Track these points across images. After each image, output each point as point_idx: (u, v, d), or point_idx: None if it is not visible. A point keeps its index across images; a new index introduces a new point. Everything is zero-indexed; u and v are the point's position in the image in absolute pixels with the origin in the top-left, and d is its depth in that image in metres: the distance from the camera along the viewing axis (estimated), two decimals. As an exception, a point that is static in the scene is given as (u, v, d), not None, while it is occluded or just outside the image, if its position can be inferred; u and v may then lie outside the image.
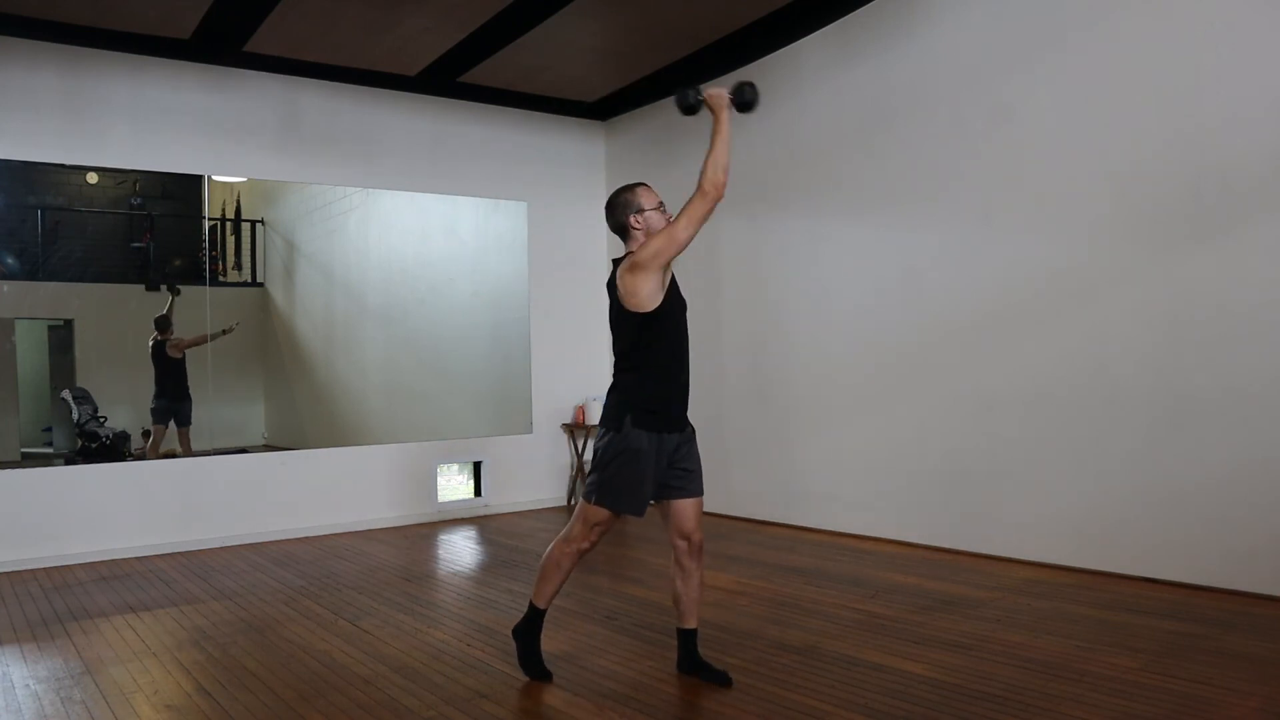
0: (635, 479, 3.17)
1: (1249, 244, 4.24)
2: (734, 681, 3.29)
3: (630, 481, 3.17)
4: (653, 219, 3.24)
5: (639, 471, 3.17)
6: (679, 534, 3.30)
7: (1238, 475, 4.27)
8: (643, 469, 3.17)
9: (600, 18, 6.04)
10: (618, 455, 3.17)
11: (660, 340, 3.21)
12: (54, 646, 4.01)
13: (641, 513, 3.24)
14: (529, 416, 7.71)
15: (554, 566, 3.34)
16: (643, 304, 3.14)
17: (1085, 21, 4.83)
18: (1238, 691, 3.10)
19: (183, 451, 6.41)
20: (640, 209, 3.24)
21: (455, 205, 7.52)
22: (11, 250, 6.05)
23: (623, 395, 3.23)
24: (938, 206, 5.52)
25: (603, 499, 3.20)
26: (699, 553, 3.32)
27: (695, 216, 3.06)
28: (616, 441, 3.18)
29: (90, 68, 5.96)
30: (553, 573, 3.35)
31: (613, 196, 3.35)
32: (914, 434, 5.66)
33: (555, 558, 3.34)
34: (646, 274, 3.11)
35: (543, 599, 3.38)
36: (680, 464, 3.28)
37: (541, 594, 3.37)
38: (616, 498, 3.20)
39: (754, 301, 6.73)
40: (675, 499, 3.28)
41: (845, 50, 6.05)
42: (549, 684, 3.36)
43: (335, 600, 4.69)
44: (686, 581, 3.32)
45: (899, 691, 3.18)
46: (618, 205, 3.30)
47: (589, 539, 3.28)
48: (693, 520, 3.29)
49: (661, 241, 3.09)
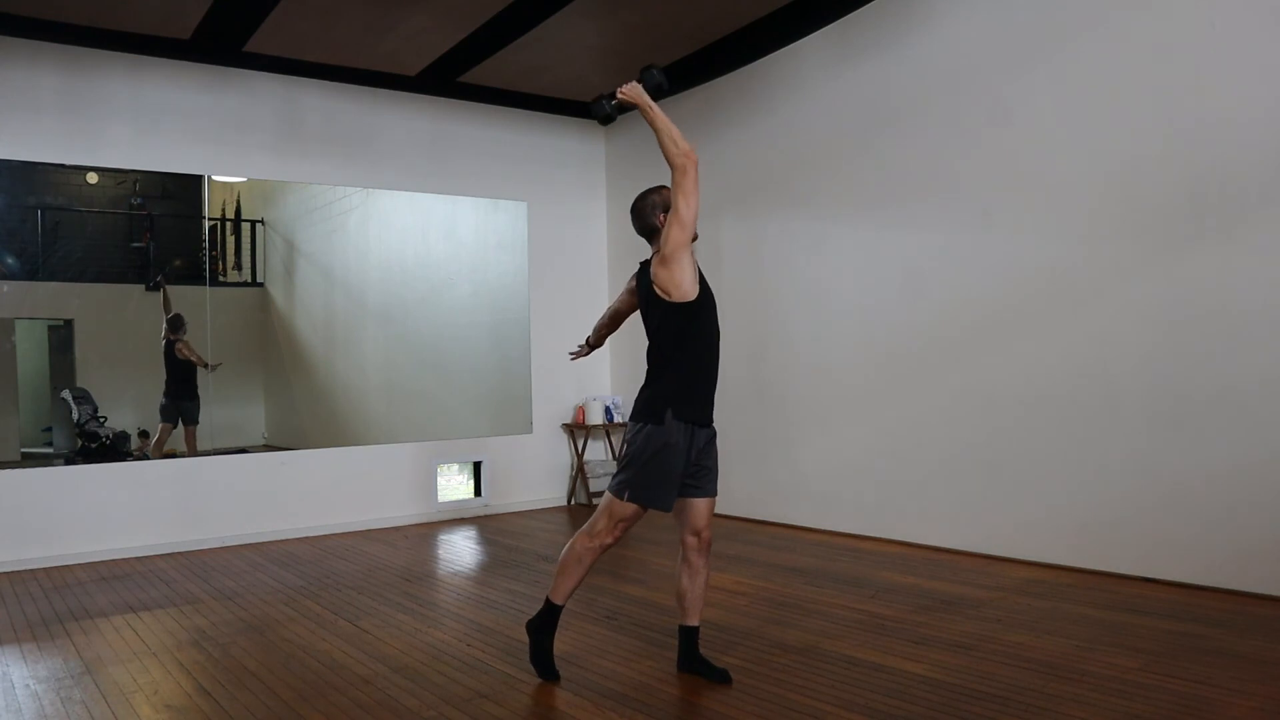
0: (669, 473, 3.20)
1: (1249, 244, 4.24)
2: (734, 680, 3.30)
3: (664, 476, 3.20)
4: None
5: (673, 465, 3.20)
6: (691, 530, 3.33)
7: (1238, 475, 4.27)
8: (676, 463, 3.20)
9: (600, 18, 6.04)
10: (655, 448, 3.19)
11: (700, 332, 3.26)
12: (54, 646, 4.01)
13: (670, 508, 3.27)
14: (529, 416, 7.70)
15: (575, 562, 3.33)
16: (686, 293, 3.20)
17: (1085, 22, 4.83)
18: (1238, 691, 3.10)
19: (188, 451, 6.41)
20: (668, 207, 3.26)
21: (455, 205, 7.52)
22: (11, 250, 6.05)
23: (663, 388, 3.25)
24: (938, 206, 5.52)
25: (636, 494, 3.21)
26: (707, 549, 3.37)
27: (686, 189, 3.14)
28: (656, 434, 3.19)
29: (90, 68, 5.96)
30: (573, 568, 3.33)
31: (637, 201, 3.38)
32: (914, 434, 5.66)
33: (577, 553, 3.32)
34: (678, 263, 3.18)
35: (561, 595, 3.36)
36: (703, 461, 3.30)
37: (560, 590, 3.36)
38: (650, 492, 3.21)
39: (754, 301, 6.73)
40: (692, 497, 3.31)
41: (845, 50, 6.05)
42: (549, 684, 3.35)
43: (335, 600, 4.69)
44: (693, 579, 3.35)
45: (899, 691, 3.18)
46: (645, 208, 3.35)
47: (613, 535, 3.28)
48: (705, 518, 3.34)
49: (673, 229, 3.16)
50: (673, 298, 3.21)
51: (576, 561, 3.32)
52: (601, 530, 3.28)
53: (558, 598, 3.36)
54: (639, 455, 3.22)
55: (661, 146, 3.17)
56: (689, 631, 3.40)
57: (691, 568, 3.35)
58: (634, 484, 3.22)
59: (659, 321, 3.29)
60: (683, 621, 3.41)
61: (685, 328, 3.24)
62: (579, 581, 3.37)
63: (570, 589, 3.36)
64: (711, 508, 3.36)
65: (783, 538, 6.04)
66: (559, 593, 3.36)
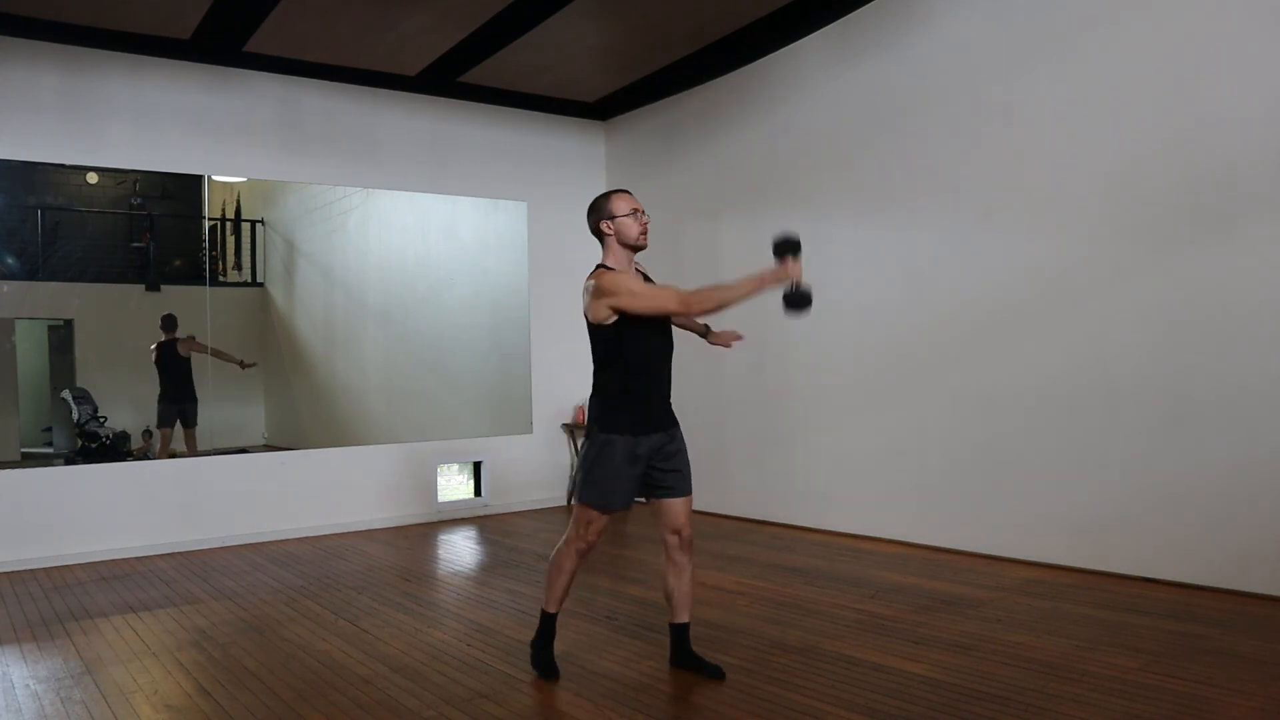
0: (614, 476, 3.28)
1: (1249, 244, 4.24)
2: (734, 681, 3.30)
3: (610, 479, 3.29)
4: (623, 225, 3.35)
5: (616, 469, 3.28)
6: (670, 529, 3.40)
7: (1238, 475, 4.27)
8: (620, 467, 3.28)
9: (600, 18, 6.04)
10: (596, 456, 3.31)
11: (625, 347, 3.31)
12: (54, 646, 4.01)
13: (628, 507, 3.43)
14: (529, 416, 7.71)
15: (556, 569, 3.44)
16: (598, 319, 3.30)
17: (1085, 22, 4.83)
18: (1238, 691, 3.10)
19: (188, 452, 6.41)
20: (613, 215, 3.37)
21: (455, 205, 7.52)
22: (11, 250, 6.05)
23: (597, 399, 3.37)
24: (938, 206, 5.52)
25: (589, 497, 3.33)
26: (689, 546, 3.42)
27: (655, 305, 3.26)
28: (597, 444, 3.32)
29: (90, 67, 5.96)
30: (555, 575, 3.44)
31: (595, 201, 3.48)
32: (914, 434, 5.66)
33: (557, 560, 3.44)
34: (600, 304, 3.26)
35: (552, 603, 3.47)
36: (669, 464, 3.36)
37: (550, 598, 3.47)
38: (600, 495, 3.31)
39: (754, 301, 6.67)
40: (665, 498, 3.38)
41: (845, 50, 6.05)
42: (549, 684, 3.36)
43: (335, 600, 4.69)
44: (679, 576, 3.41)
45: (899, 691, 3.18)
46: (592, 211, 3.46)
47: (585, 539, 3.37)
48: (683, 516, 3.39)
49: (622, 298, 3.23)
50: (589, 318, 3.33)
51: (558, 569, 3.44)
52: (573, 535, 3.39)
53: (550, 606, 3.47)
54: (590, 463, 3.34)
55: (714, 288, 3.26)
56: (680, 629, 3.47)
57: (676, 566, 3.41)
58: (587, 488, 3.34)
59: (589, 333, 3.38)
60: (673, 619, 3.48)
61: (608, 347, 3.33)
62: (567, 587, 3.45)
63: (559, 596, 3.45)
64: (688, 506, 3.41)
65: (783, 538, 6.04)
66: (550, 601, 3.47)
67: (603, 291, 3.25)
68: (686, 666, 3.43)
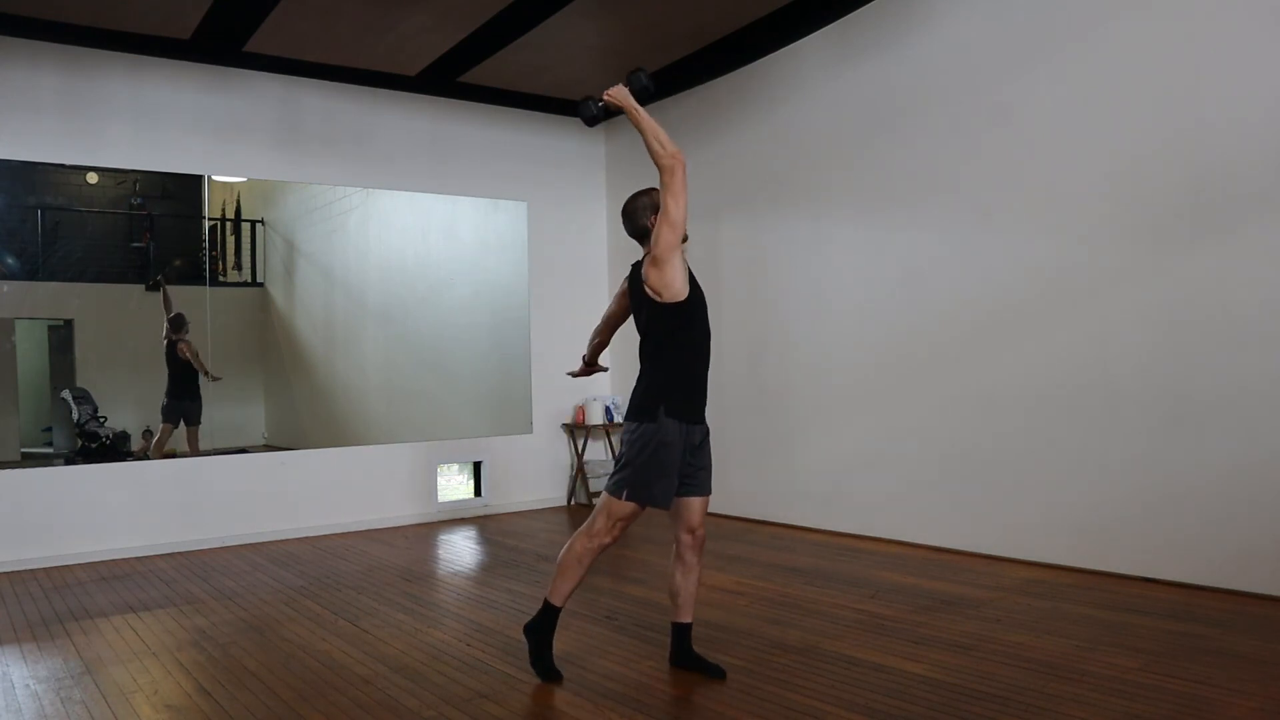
0: (665, 470, 3.22)
1: (1249, 244, 4.24)
2: (734, 681, 3.30)
3: (660, 472, 3.21)
4: None
5: (669, 462, 3.21)
6: (686, 528, 3.36)
7: (1238, 475, 4.27)
8: (672, 459, 3.22)
9: (600, 18, 6.04)
10: (650, 446, 3.21)
11: (690, 331, 3.29)
12: (54, 646, 4.01)
13: (669, 504, 3.28)
14: (529, 416, 7.70)
15: (574, 562, 3.32)
16: (677, 293, 3.23)
17: (1085, 22, 4.83)
18: (1237, 691, 3.10)
19: (190, 451, 6.41)
20: (658, 208, 3.28)
21: (455, 205, 7.52)
22: (11, 250, 6.05)
23: (655, 386, 3.27)
24: (938, 206, 5.52)
25: (634, 493, 3.23)
26: (700, 547, 3.39)
27: (674, 190, 3.17)
28: (650, 432, 3.22)
29: (90, 68, 5.96)
30: (573, 569, 3.32)
31: (628, 203, 3.41)
32: (914, 434, 5.66)
33: (577, 553, 3.32)
34: (669, 264, 3.20)
35: (559, 596, 3.35)
36: (699, 460, 3.33)
37: (558, 591, 3.35)
38: (648, 490, 3.22)
39: (754, 301, 6.73)
40: (688, 496, 3.33)
41: (845, 50, 6.05)
42: (550, 684, 3.35)
43: (335, 600, 4.69)
44: (686, 575, 3.38)
45: (899, 691, 3.18)
46: (635, 210, 3.37)
47: (612, 534, 3.29)
48: (700, 516, 3.37)
49: (663, 230, 3.18)
50: (664, 298, 3.24)
51: (576, 562, 3.32)
52: (600, 530, 3.28)
53: (556, 599, 3.36)
54: (636, 454, 3.23)
55: (648, 148, 3.21)
56: (682, 628, 3.44)
57: (685, 565, 3.38)
58: (632, 482, 3.23)
59: (651, 321, 3.31)
60: (675, 619, 3.45)
61: (676, 328, 3.27)
62: (578, 583, 3.37)
63: (569, 590, 3.36)
64: (705, 506, 3.39)
65: (783, 538, 6.04)
66: (557, 594, 3.35)
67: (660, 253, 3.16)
68: (687, 666, 3.42)
